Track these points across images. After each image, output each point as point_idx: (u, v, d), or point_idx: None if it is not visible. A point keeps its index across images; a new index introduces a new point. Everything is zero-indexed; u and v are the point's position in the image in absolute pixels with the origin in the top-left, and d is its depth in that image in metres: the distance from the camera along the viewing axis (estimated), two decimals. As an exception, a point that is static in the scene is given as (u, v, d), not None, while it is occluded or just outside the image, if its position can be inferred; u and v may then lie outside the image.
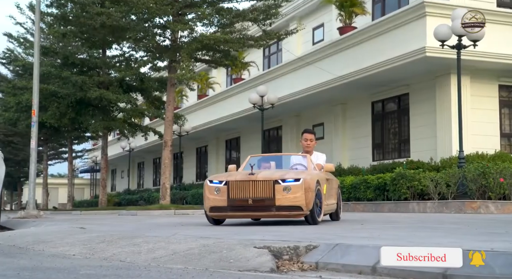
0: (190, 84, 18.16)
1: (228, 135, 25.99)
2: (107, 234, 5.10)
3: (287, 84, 18.50)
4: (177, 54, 15.31)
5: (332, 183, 7.61)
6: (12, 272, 2.74)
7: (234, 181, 6.32)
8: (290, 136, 21.28)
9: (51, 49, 18.89)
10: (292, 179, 6.23)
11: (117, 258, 3.75)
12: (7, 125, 26.49)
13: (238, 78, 22.91)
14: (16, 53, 23.12)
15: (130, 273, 2.92)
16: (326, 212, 7.15)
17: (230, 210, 6.40)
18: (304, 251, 3.68)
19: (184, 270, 3.14)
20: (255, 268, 3.26)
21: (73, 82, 17.82)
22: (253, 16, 14.61)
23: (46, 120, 18.87)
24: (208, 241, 4.12)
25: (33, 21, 20.26)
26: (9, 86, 21.51)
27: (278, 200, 6.16)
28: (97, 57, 19.63)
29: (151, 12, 13.78)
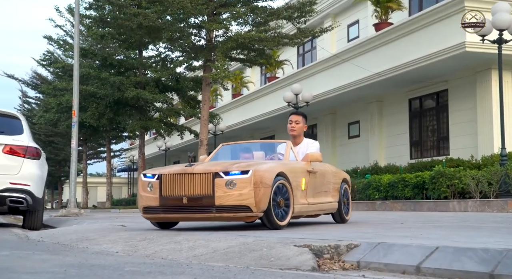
0: (225, 83, 18.26)
1: (262, 133, 26.01)
2: (148, 232, 5.17)
3: (322, 82, 18.40)
4: (212, 53, 15.41)
5: (325, 177, 6.23)
6: (59, 268, 2.80)
7: (167, 174, 5.04)
8: (325, 134, 21.15)
9: (90, 51, 19.27)
10: (238, 172, 4.90)
11: (159, 256, 3.79)
12: (48, 126, 27.13)
13: (272, 76, 22.91)
14: (56, 55, 23.65)
15: (173, 270, 2.95)
16: (310, 213, 6.00)
17: (163, 211, 5.13)
18: (345, 250, 3.65)
19: (225, 268, 3.15)
20: (296, 267, 3.25)
21: (111, 82, 18.13)
22: (288, 14, 14.58)
23: (86, 120, 19.26)
24: (248, 239, 4.13)
25: (72, 24, 20.69)
26: (49, 88, 22.02)
27: (218, 199, 4.86)
28: (134, 58, 19.93)
29: (186, 12, 13.89)
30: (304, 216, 6.19)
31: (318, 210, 6.13)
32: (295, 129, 6.33)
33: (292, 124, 6.37)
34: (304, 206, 5.68)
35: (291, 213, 5.35)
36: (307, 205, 5.75)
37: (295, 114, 6.52)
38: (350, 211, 6.95)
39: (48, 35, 21.87)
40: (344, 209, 6.70)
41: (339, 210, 6.57)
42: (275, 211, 5.10)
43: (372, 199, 14.19)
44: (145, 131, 21.46)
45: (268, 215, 5.05)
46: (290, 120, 6.42)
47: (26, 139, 7.59)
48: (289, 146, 6.03)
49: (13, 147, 7.37)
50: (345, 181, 6.86)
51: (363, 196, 14.62)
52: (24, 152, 7.41)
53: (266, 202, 4.95)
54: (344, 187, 6.73)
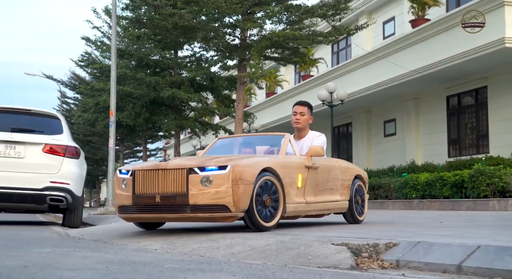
0: (259, 82, 18.26)
1: (297, 132, 25.94)
2: (185, 230, 5.22)
3: (357, 80, 18.24)
4: (247, 52, 15.43)
5: (330, 173, 5.70)
6: (101, 265, 2.85)
7: (140, 170, 4.65)
8: (360, 133, 20.96)
9: (126, 52, 19.53)
10: (215, 167, 4.46)
11: (197, 253, 3.82)
12: (86, 126, 27.66)
13: (306, 75, 22.82)
14: (94, 56, 24.06)
15: (212, 267, 2.97)
16: (310, 212, 5.48)
17: (136, 211, 4.73)
18: (384, 248, 3.61)
19: (263, 265, 3.16)
20: (334, 265, 3.23)
21: (147, 83, 18.35)
22: (322, 11, 14.48)
23: (123, 120, 19.55)
24: (285, 237, 4.13)
25: (109, 25, 21.04)
26: (87, 88, 22.43)
27: (192, 197, 4.42)
28: (169, 58, 20.11)
29: (221, 11, 13.95)
30: (302, 216, 5.64)
31: (321, 209, 5.62)
32: (300, 121, 5.80)
33: (296, 116, 5.81)
34: (301, 205, 5.17)
35: (280, 213, 4.84)
36: (305, 204, 5.24)
37: (300, 105, 5.91)
38: (366, 210, 6.34)
39: (85, 36, 22.27)
40: (357, 209, 6.13)
41: (351, 210, 6.01)
42: (259, 211, 4.62)
43: (409, 198, 13.99)
44: (181, 130, 21.66)
45: (251, 215, 4.56)
46: (294, 111, 5.87)
47: (66, 139, 7.75)
48: (287, 139, 5.54)
49: (53, 147, 7.54)
50: (359, 178, 6.30)
51: (400, 195, 14.43)
52: (64, 151, 7.58)
53: (247, 200, 4.48)
54: (357, 184, 6.17)
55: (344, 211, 6.00)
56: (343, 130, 22.87)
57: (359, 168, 6.58)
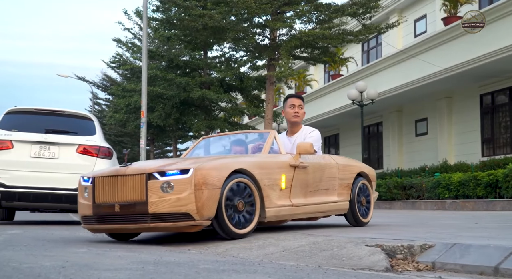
0: (289, 81, 18.23)
1: (326, 132, 25.81)
2: (212, 230, 5.23)
3: (388, 79, 18.04)
4: (276, 52, 15.42)
5: (324, 172, 5.25)
6: (137, 265, 2.88)
7: (100, 177, 4.30)
8: (391, 132, 20.73)
9: (157, 53, 19.73)
10: (176, 171, 4.07)
11: (230, 254, 3.83)
12: (117, 126, 28.04)
13: (336, 74, 22.69)
14: (125, 58, 24.38)
15: (246, 268, 2.98)
16: (298, 216, 5.04)
17: (96, 221, 4.36)
18: (419, 250, 3.56)
19: (297, 267, 3.14)
20: (369, 267, 3.20)
21: (177, 83, 18.51)
22: (352, 10, 14.38)
23: (153, 120, 19.76)
24: (317, 238, 4.11)
25: (140, 27, 21.28)
26: (118, 89, 22.74)
27: (152, 205, 4.02)
28: (199, 58, 20.25)
29: (250, 11, 13.97)
30: (289, 220, 5.16)
31: (313, 212, 5.17)
32: (299, 115, 5.39)
33: (295, 109, 5.39)
34: (286, 209, 4.74)
35: (256, 218, 4.43)
36: (291, 208, 4.79)
37: (297, 98, 5.49)
38: (371, 211, 5.85)
39: (117, 38, 22.59)
40: (361, 210, 5.67)
41: (353, 211, 5.56)
42: (230, 217, 4.22)
43: (441, 198, 13.78)
44: (210, 130, 21.78)
45: (220, 222, 4.16)
46: (292, 104, 5.40)
47: (99, 140, 7.87)
48: (272, 137, 5.10)
49: (87, 147, 7.66)
50: (363, 176, 5.81)
51: (432, 195, 14.23)
52: (97, 152, 7.69)
53: (213, 207, 4.08)
54: (360, 183, 5.69)
55: (345, 213, 5.57)
56: (373, 129, 22.66)
57: (364, 165, 6.06)
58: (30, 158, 7.40)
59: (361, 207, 5.69)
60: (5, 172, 7.24)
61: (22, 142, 7.46)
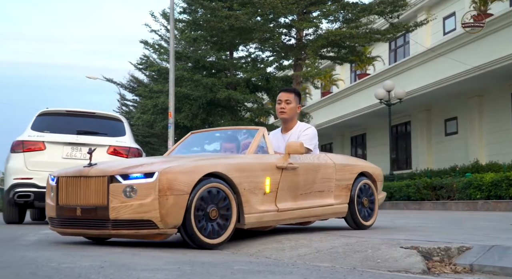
0: (315, 81, 18.17)
1: (353, 131, 25.63)
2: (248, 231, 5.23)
3: (416, 78, 17.83)
4: (302, 52, 15.38)
5: (318, 173, 4.89)
6: (173, 266, 2.89)
7: (63, 177, 4.04)
8: (420, 132, 20.48)
9: (183, 54, 19.85)
10: (140, 174, 3.78)
11: (263, 255, 3.82)
12: (145, 127, 28.30)
13: (363, 73, 22.53)
14: (152, 59, 24.59)
15: (281, 269, 2.96)
16: (285, 222, 4.69)
17: (59, 224, 4.10)
18: (456, 252, 3.50)
19: (332, 268, 3.12)
20: (405, 269, 3.16)
21: (204, 84, 18.59)
22: (380, 9, 14.25)
23: (180, 121, 19.89)
24: (350, 239, 4.07)
25: (166, 28, 21.43)
26: (146, 90, 22.94)
27: (113, 210, 3.74)
28: (225, 59, 20.31)
29: (277, 11, 13.97)
30: (275, 226, 4.82)
31: (304, 216, 4.78)
32: (286, 111, 5.00)
33: (281, 105, 5.02)
34: (269, 214, 4.38)
35: (232, 226, 4.07)
36: (276, 213, 4.43)
37: (285, 92, 5.11)
38: (375, 214, 5.43)
39: (144, 40, 22.80)
40: (362, 212, 5.27)
41: (352, 214, 5.18)
42: (200, 226, 3.87)
43: (473, 199, 13.55)
44: (237, 131, 21.79)
45: (189, 232, 3.81)
46: (279, 99, 5.06)
47: (128, 141, 7.96)
48: (260, 135, 4.73)
49: (117, 148, 7.74)
50: (366, 176, 5.43)
51: (463, 196, 13.99)
52: (126, 152, 7.77)
53: (180, 214, 3.74)
54: (361, 183, 5.30)
55: (343, 216, 5.19)
56: (401, 129, 22.42)
57: (368, 163, 5.70)
58: (62, 159, 7.51)
59: (363, 209, 5.30)
60: (37, 172, 7.36)
61: (54, 143, 7.58)
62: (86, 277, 2.40)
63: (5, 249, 3.69)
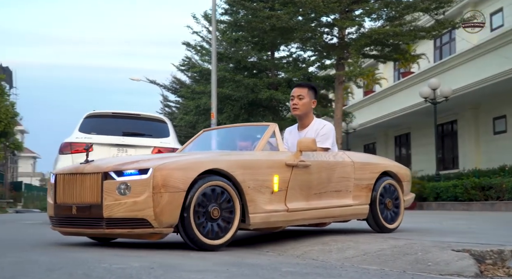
0: (358, 80, 17.97)
1: (397, 131, 25.22)
2: (292, 232, 5.21)
3: (463, 75, 17.39)
4: (345, 51, 15.23)
5: (334, 171, 4.65)
6: (221, 267, 2.90)
7: (60, 175, 3.96)
8: (467, 130, 19.97)
9: (224, 55, 19.94)
10: (135, 171, 3.66)
11: (309, 256, 3.79)
12: (187, 128, 28.59)
13: (406, 72, 22.14)
14: (194, 61, 24.81)
15: (329, 272, 2.93)
16: (296, 223, 4.51)
17: (57, 224, 4.04)
18: (510, 255, 3.40)
19: (381, 271, 3.07)
20: (457, 273, 3.08)
21: (245, 84, 18.64)
22: (425, 6, 13.96)
23: (222, 121, 19.99)
24: (399, 242, 4.00)
25: (208, 30, 21.60)
26: (188, 91, 23.16)
27: (107, 209, 3.64)
28: (266, 59, 20.31)
29: (318, 11, 13.87)
30: (284, 227, 4.61)
31: (317, 218, 4.56)
32: (299, 107, 4.77)
33: (294, 101, 4.80)
34: (277, 215, 4.16)
35: (235, 227, 3.89)
36: (285, 213, 4.21)
37: (298, 87, 4.88)
38: (401, 216, 5.15)
39: (186, 41, 23.02)
40: (385, 214, 5.01)
41: (374, 216, 4.92)
42: (200, 225, 3.70)
43: (523, 200, 13.13)
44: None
45: (188, 232, 3.65)
46: (291, 95, 4.85)
47: (173, 142, 8.05)
48: (270, 131, 4.53)
49: (161, 150, 7.83)
50: (391, 175, 5.14)
51: (513, 196, 13.58)
52: (171, 153, 7.87)
53: (175, 213, 3.59)
54: (385, 183, 5.03)
55: (364, 217, 4.95)
56: (447, 128, 21.91)
57: (392, 162, 5.43)
58: (109, 160, 7.65)
59: (386, 211, 5.02)
60: None
61: (101, 145, 7.73)
62: (137, 278, 2.43)
63: (57, 250, 3.78)
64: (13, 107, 28.33)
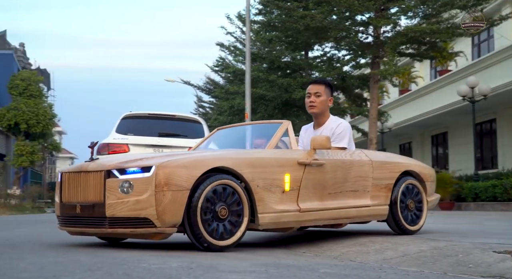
0: (394, 79, 17.73)
1: (433, 130, 24.79)
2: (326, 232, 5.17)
3: (502, 73, 16.97)
4: (380, 50, 15.06)
5: (351, 170, 4.49)
6: (259, 268, 2.90)
7: (66, 173, 3.93)
8: (506, 129, 19.49)
9: (258, 55, 19.96)
10: (138, 169, 3.58)
11: (347, 258, 3.76)
12: (221, 128, 28.73)
13: (444, 70, 21.74)
14: (227, 61, 24.92)
15: (368, 274, 2.90)
16: (308, 223, 4.35)
17: (63, 223, 4.00)
18: (554, 258, 3.30)
19: (420, 273, 3.02)
20: (499, 275, 3.01)
21: (279, 84, 18.62)
22: (462, 3, 13.67)
23: (257, 122, 20.03)
24: (439, 243, 3.94)
25: (241, 30, 21.66)
26: (222, 92, 23.28)
27: (110, 207, 3.56)
28: (300, 59, 20.25)
29: (353, 9, 13.75)
30: (296, 228, 4.45)
31: (332, 218, 4.39)
32: (315, 105, 4.61)
33: (310, 98, 4.65)
34: (289, 215, 4.03)
35: (244, 227, 3.77)
36: (297, 213, 4.07)
37: (314, 83, 4.75)
38: (423, 218, 4.95)
39: (220, 42, 23.15)
40: (405, 214, 4.81)
41: (395, 217, 4.73)
42: (208, 225, 3.60)
43: None
44: (313, 131, 21.66)
45: (194, 231, 3.55)
46: (308, 92, 4.70)
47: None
48: (283, 129, 4.40)
49: (197, 150, 7.89)
50: (412, 175, 4.95)
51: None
52: (207, 154, 7.91)
53: (179, 212, 3.51)
54: (407, 183, 4.85)
55: (383, 219, 4.76)
56: (485, 127, 21.43)
57: (415, 161, 5.23)
58: (145, 160, 7.74)
59: (408, 212, 4.84)
60: None
61: (137, 146, 7.83)
62: (177, 278, 2.45)
63: (96, 249, 3.84)
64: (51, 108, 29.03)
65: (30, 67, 37.16)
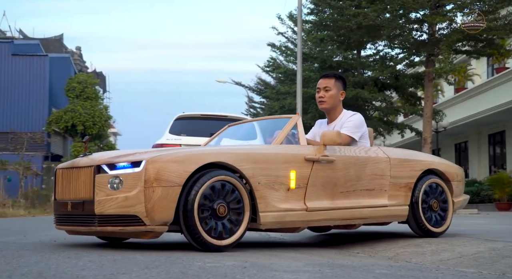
0: (449, 77, 17.30)
1: (491, 129, 24.01)
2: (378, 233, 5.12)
3: None
4: (435, 47, 14.73)
5: (365, 167, 4.21)
6: (313, 268, 2.90)
7: (60, 169, 3.80)
8: None
9: (309, 55, 19.88)
10: (127, 164, 3.42)
11: (402, 258, 3.71)
12: (273, 128, 28.77)
13: (501, 67, 21.03)
14: (278, 61, 24.96)
15: (425, 275, 2.85)
16: (316, 223, 4.11)
17: (57, 221, 3.87)
18: None
19: (479, 274, 2.95)
20: (561, 278, 2.90)
21: (331, 84, 18.48)
22: (520, -1, 13.21)
23: (307, 121, 19.94)
24: (497, 244, 3.84)
25: (293, 30, 21.65)
26: (273, 92, 23.32)
27: (99, 204, 3.40)
28: (352, 58, 20.03)
29: (407, 7, 13.51)
30: (303, 228, 4.16)
31: (344, 218, 4.13)
32: (325, 100, 4.37)
33: (320, 93, 4.40)
34: (295, 214, 3.80)
35: (244, 227, 3.56)
36: (304, 213, 3.83)
37: (324, 77, 4.46)
38: (449, 219, 4.63)
39: (271, 42, 23.20)
40: (428, 214, 4.51)
41: (416, 218, 4.44)
42: (205, 224, 3.42)
43: None
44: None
45: (192, 230, 3.37)
46: (317, 87, 4.46)
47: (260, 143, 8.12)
48: (292, 123, 4.15)
49: (249, 151, 7.94)
50: (436, 174, 4.64)
51: None
52: (259, 155, 7.95)
53: (169, 209, 3.33)
54: (429, 181, 4.54)
55: (403, 220, 4.47)
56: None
57: (439, 159, 4.95)
58: (198, 160, 7.86)
59: (431, 213, 4.53)
60: None
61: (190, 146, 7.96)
62: (232, 277, 2.48)
63: (151, 248, 3.93)
64: (107, 110, 29.88)
65: (87, 70, 38.38)
